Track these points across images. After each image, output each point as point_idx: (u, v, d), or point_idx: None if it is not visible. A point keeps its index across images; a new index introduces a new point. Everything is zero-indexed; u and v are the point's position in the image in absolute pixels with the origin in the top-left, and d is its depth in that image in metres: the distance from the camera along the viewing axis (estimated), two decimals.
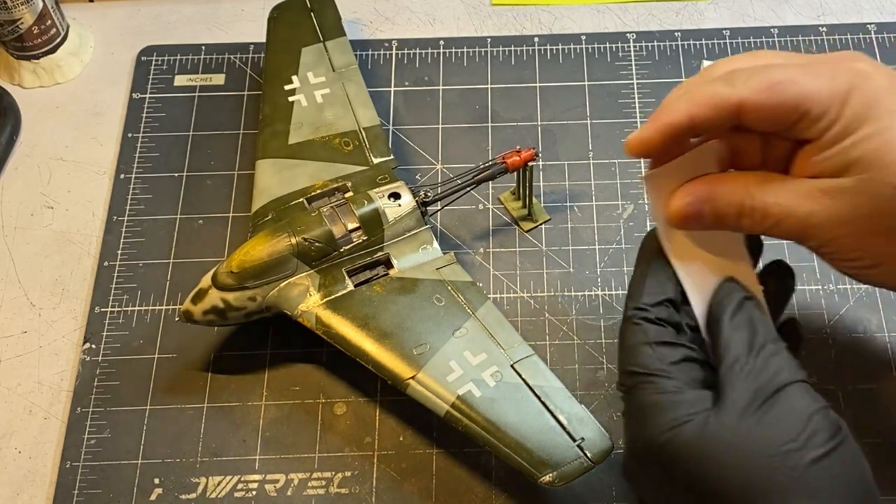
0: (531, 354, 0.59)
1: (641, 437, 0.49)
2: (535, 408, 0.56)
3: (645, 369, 0.49)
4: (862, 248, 0.49)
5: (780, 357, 0.49)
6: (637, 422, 0.49)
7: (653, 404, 0.48)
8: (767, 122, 0.48)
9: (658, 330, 0.50)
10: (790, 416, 0.47)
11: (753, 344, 0.49)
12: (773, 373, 0.48)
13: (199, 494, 0.61)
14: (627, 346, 0.51)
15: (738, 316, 0.50)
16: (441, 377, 0.58)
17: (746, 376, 0.48)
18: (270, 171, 0.67)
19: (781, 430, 0.46)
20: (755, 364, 0.48)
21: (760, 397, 0.47)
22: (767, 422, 0.47)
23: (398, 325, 0.60)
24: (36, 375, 0.66)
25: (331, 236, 0.62)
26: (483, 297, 0.61)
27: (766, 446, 0.46)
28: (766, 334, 0.49)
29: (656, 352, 0.49)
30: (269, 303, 0.62)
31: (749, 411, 0.47)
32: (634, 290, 0.52)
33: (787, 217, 0.49)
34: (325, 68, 0.72)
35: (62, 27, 0.77)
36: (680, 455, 0.47)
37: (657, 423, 0.48)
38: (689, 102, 0.49)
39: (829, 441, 0.46)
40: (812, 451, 0.46)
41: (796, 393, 0.47)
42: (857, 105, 0.47)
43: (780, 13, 0.79)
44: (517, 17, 0.79)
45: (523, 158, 0.65)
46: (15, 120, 0.75)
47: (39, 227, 0.71)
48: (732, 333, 0.49)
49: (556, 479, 0.54)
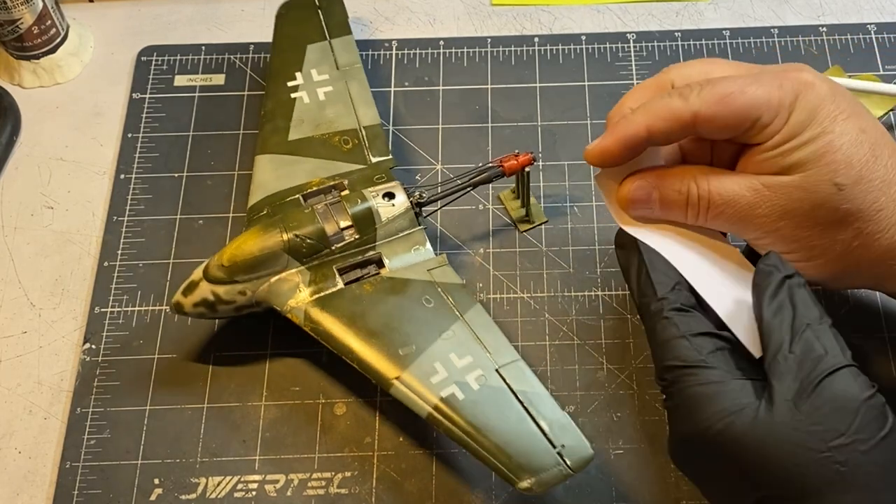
0: (517, 359, 0.59)
1: (694, 428, 0.49)
2: (517, 413, 0.56)
3: (685, 362, 0.50)
4: (798, 240, 0.53)
5: (824, 338, 0.49)
6: (687, 413, 0.50)
7: (701, 395, 0.49)
8: (720, 131, 0.53)
9: (689, 320, 0.51)
10: (839, 406, 0.47)
11: (795, 328, 0.49)
12: (818, 358, 0.48)
13: (198, 495, 0.61)
14: (662, 341, 0.51)
15: (775, 299, 0.50)
16: (425, 378, 0.58)
17: (791, 366, 0.48)
18: (269, 166, 0.67)
19: (831, 423, 0.47)
20: (798, 350, 0.48)
21: (807, 389, 0.47)
22: (817, 416, 0.47)
23: (386, 324, 0.60)
24: (36, 375, 0.66)
25: (323, 233, 0.62)
26: (472, 301, 0.61)
27: (816, 442, 0.47)
28: (808, 313, 0.50)
29: (693, 344, 0.50)
30: (259, 297, 0.62)
31: (798, 404, 0.47)
32: (643, 284, 0.53)
33: (729, 206, 0.53)
34: (329, 66, 0.72)
35: (62, 27, 0.77)
36: (733, 446, 0.48)
37: (708, 413, 0.48)
38: (647, 115, 0.53)
39: (877, 432, 0.47)
40: (861, 444, 0.46)
41: (843, 380, 0.48)
42: (802, 111, 0.51)
43: (781, 13, 0.79)
44: (517, 18, 0.79)
45: (520, 163, 0.65)
46: (15, 120, 0.75)
47: (39, 227, 0.71)
48: (772, 319, 0.50)
49: (535, 486, 0.54)
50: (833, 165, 0.51)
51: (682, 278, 0.53)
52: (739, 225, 0.53)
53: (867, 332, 0.64)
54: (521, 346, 0.64)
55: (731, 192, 0.53)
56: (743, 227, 0.53)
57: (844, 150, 0.51)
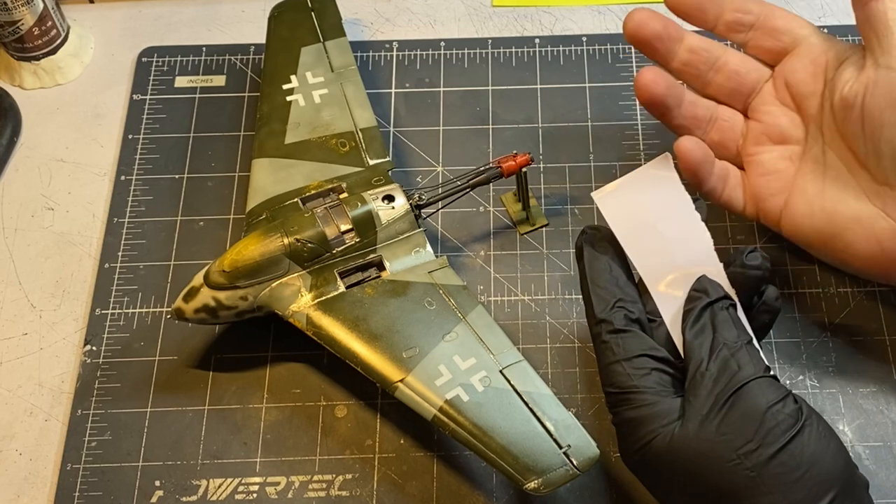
0: (520, 360, 0.59)
1: (629, 447, 0.52)
2: (522, 414, 0.56)
3: (620, 388, 0.52)
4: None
5: (739, 355, 0.51)
6: (623, 434, 0.53)
7: (633, 419, 0.51)
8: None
9: (626, 342, 0.53)
10: (746, 416, 0.49)
11: (713, 348, 0.51)
12: (731, 374, 0.50)
13: (199, 497, 0.61)
14: (602, 366, 0.53)
15: (697, 323, 0.53)
16: (430, 381, 0.58)
17: (707, 382, 0.50)
18: (266, 170, 0.67)
19: (738, 432, 0.49)
20: (714, 368, 0.51)
21: (720, 402, 0.50)
22: (725, 427, 0.49)
23: (388, 327, 0.60)
24: (37, 377, 0.66)
25: (323, 237, 0.62)
26: (474, 302, 0.61)
27: (725, 451, 0.49)
28: (726, 335, 0.52)
29: (626, 369, 0.52)
30: (261, 302, 0.62)
31: (709, 418, 0.49)
32: (586, 304, 0.55)
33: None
34: (324, 68, 0.72)
35: (63, 28, 0.77)
36: (657, 461, 0.51)
37: (639, 434, 0.51)
38: None
39: (785, 433, 0.49)
40: (768, 448, 0.49)
41: (754, 390, 0.50)
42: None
43: None
44: (518, 19, 0.79)
45: (518, 163, 0.65)
46: (15, 121, 0.75)
47: (40, 228, 0.71)
48: (693, 342, 0.52)
49: (542, 486, 0.54)
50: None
51: (628, 292, 0.54)
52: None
53: (867, 333, 0.64)
54: (522, 349, 0.64)
55: None
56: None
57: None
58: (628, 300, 0.54)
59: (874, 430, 0.61)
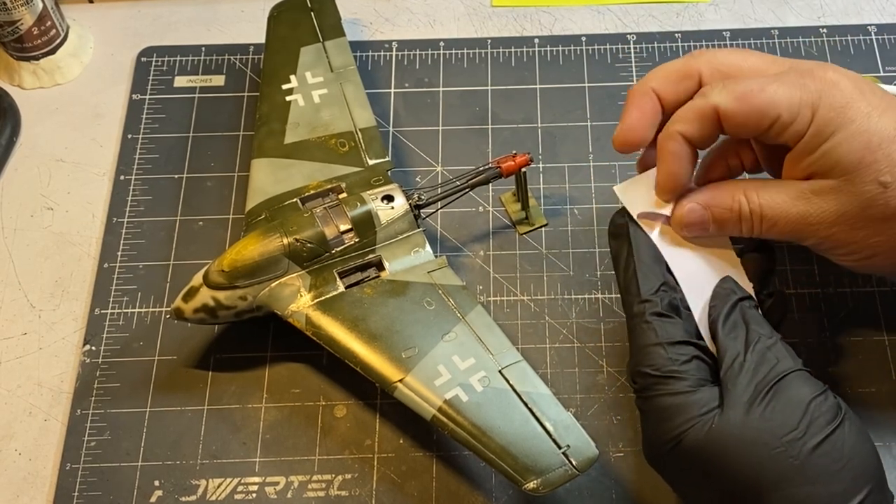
0: (519, 360, 0.59)
1: (662, 437, 0.51)
2: (521, 414, 0.56)
3: (659, 371, 0.51)
4: (855, 241, 0.53)
5: (775, 349, 0.51)
6: (657, 421, 0.51)
7: (670, 405, 0.51)
8: (742, 129, 0.53)
9: (668, 327, 0.52)
10: (790, 405, 0.49)
11: (749, 341, 0.52)
12: (771, 365, 0.51)
13: (199, 497, 0.61)
14: (640, 345, 0.52)
15: (730, 318, 0.53)
16: (429, 381, 0.58)
17: (746, 372, 0.50)
18: (266, 170, 0.67)
19: (783, 420, 0.49)
20: (752, 359, 0.51)
21: (762, 390, 0.50)
22: (769, 414, 0.49)
23: (387, 327, 0.60)
24: (36, 377, 0.66)
25: (323, 237, 0.62)
26: (473, 302, 0.61)
27: (770, 438, 0.49)
28: (759, 329, 0.52)
29: (669, 353, 0.52)
30: (260, 302, 0.62)
31: (752, 406, 0.49)
32: (629, 281, 0.54)
33: (782, 218, 0.53)
34: (323, 68, 0.72)
35: (62, 28, 0.77)
36: (695, 450, 0.50)
37: (676, 423, 0.50)
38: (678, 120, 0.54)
39: (828, 425, 0.49)
40: (812, 437, 0.49)
41: (795, 382, 0.50)
42: (829, 110, 0.51)
43: (781, 14, 0.78)
44: (517, 19, 0.79)
45: (518, 163, 0.65)
46: (15, 121, 0.75)
47: (39, 228, 0.71)
48: (727, 336, 0.52)
49: (541, 486, 0.54)
50: (875, 165, 0.51)
51: (668, 278, 0.54)
52: (794, 234, 0.54)
53: (867, 333, 0.64)
54: (522, 349, 0.64)
55: (781, 204, 0.53)
56: (799, 235, 0.54)
57: (884, 148, 0.51)
58: (670, 286, 0.54)
59: (874, 431, 0.61)
